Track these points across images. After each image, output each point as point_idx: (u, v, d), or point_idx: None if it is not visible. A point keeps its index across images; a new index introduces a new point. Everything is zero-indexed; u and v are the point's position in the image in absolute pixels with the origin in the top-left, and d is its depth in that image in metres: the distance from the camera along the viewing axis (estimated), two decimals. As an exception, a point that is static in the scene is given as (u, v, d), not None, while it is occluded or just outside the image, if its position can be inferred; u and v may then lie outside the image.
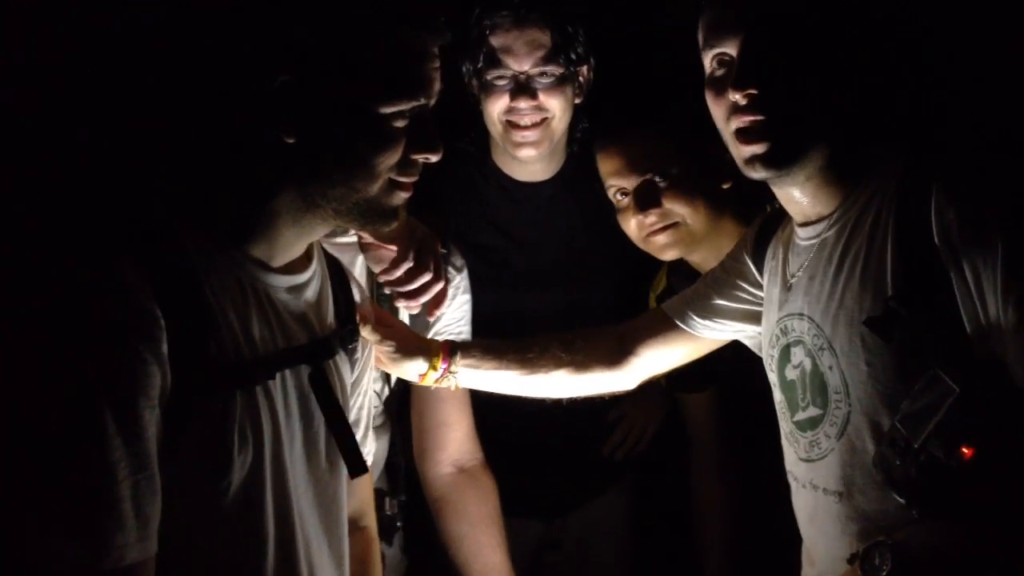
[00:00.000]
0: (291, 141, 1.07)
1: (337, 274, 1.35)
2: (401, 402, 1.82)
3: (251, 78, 1.07)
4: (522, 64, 1.83)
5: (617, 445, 2.19)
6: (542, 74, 1.85)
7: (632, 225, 1.82)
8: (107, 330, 0.96)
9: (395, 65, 1.09)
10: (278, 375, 1.15)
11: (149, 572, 1.00)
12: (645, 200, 1.78)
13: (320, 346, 1.23)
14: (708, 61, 1.34)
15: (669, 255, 1.82)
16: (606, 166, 1.85)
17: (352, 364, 1.36)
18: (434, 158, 1.17)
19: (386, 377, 1.72)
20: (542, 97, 1.85)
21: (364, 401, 1.44)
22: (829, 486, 1.39)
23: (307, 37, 1.06)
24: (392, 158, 1.11)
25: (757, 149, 1.30)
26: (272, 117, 1.06)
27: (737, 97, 1.28)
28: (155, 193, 1.11)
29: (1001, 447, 1.15)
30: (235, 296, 1.10)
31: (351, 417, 1.37)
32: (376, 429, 1.66)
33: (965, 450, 1.16)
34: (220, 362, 1.06)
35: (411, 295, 1.53)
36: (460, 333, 1.79)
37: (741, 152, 1.33)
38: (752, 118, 1.29)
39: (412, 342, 1.59)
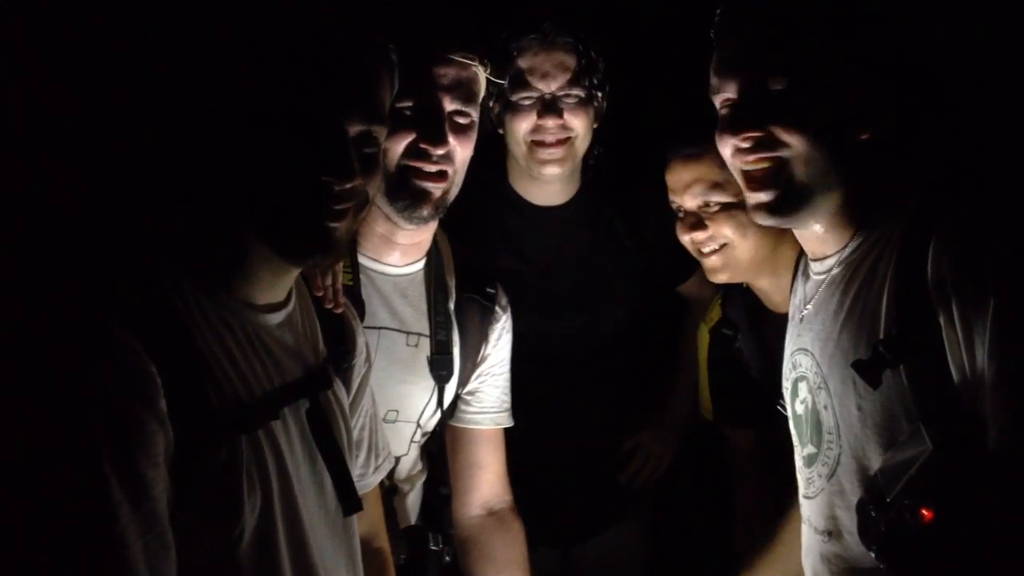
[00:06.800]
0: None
1: (317, 296, 1.35)
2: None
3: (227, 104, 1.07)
4: (549, 85, 1.88)
5: (634, 474, 2.20)
6: (567, 95, 1.88)
7: (687, 241, 1.82)
8: (102, 395, 0.94)
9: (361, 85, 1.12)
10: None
11: None
12: (695, 223, 1.78)
13: (316, 377, 1.23)
14: (718, 104, 1.35)
15: (720, 277, 1.80)
16: (669, 181, 1.84)
17: (348, 385, 1.36)
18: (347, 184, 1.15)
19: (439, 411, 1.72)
20: (567, 116, 1.89)
21: (365, 421, 1.43)
22: (820, 525, 1.38)
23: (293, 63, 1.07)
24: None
25: (762, 197, 1.30)
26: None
27: (735, 141, 1.29)
28: (141, 240, 1.10)
29: (961, 514, 1.11)
30: (228, 341, 1.10)
31: (354, 436, 1.37)
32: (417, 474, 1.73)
33: (925, 512, 1.12)
34: (221, 410, 1.05)
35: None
36: (502, 374, 1.82)
37: (747, 197, 1.34)
38: (755, 157, 1.29)
39: None
